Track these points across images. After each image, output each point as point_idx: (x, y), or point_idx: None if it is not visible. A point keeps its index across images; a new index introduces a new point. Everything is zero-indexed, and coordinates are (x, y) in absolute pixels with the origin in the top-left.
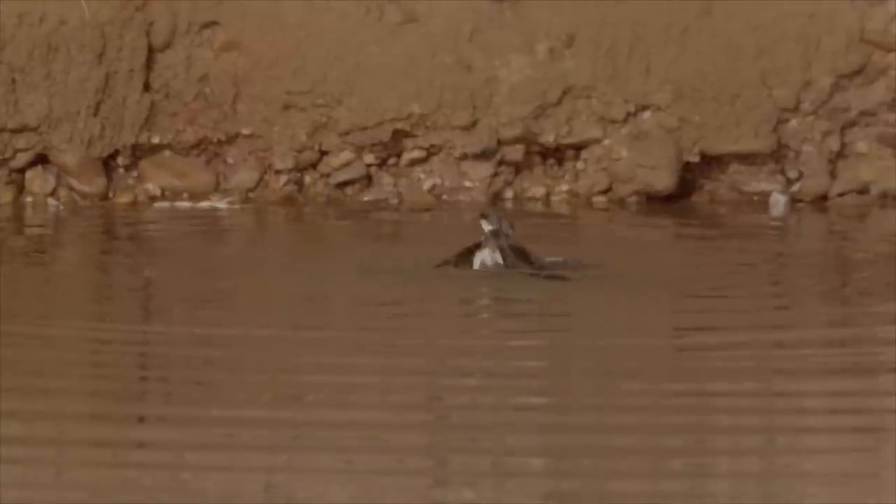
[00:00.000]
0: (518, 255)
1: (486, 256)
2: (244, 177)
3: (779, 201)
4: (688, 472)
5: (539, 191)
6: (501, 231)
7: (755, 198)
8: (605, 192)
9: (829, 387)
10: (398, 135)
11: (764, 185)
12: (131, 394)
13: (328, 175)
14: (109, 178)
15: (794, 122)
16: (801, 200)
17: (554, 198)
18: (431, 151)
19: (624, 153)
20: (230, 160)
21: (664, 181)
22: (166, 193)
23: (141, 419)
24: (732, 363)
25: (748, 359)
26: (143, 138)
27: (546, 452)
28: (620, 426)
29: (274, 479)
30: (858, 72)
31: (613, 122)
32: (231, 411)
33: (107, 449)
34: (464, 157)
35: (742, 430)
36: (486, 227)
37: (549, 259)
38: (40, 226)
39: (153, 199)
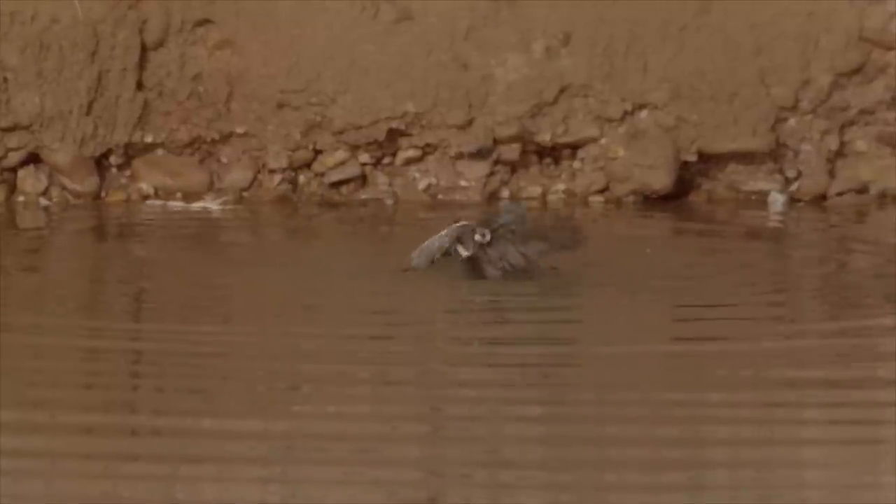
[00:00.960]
0: (508, 257)
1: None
2: (238, 176)
3: (777, 200)
4: (687, 485)
5: (535, 190)
6: (478, 251)
7: (753, 197)
8: (602, 191)
9: (828, 398)
10: (393, 134)
11: (762, 185)
12: (124, 405)
13: (322, 174)
14: (102, 177)
15: (792, 121)
16: (799, 200)
17: (550, 197)
18: (427, 151)
19: (621, 152)
20: (224, 159)
21: (662, 180)
22: (160, 193)
23: (133, 431)
24: (731, 373)
25: (747, 369)
26: (136, 137)
27: (543, 465)
28: (619, 438)
29: (269, 490)
30: (857, 70)
31: (610, 120)
32: (225, 422)
33: (99, 461)
34: (459, 156)
35: (741, 441)
36: (464, 253)
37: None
38: (34, 228)
39: (146, 198)
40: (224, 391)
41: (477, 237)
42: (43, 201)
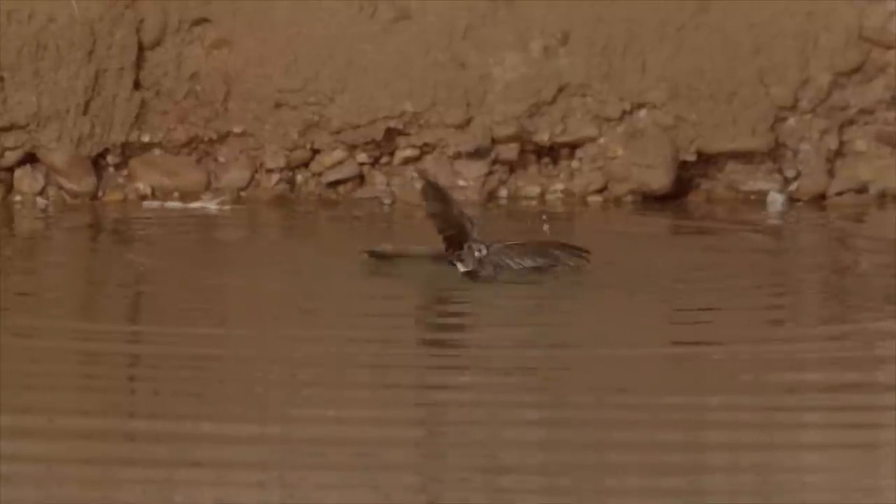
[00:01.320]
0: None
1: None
2: (235, 176)
3: (776, 200)
4: (687, 489)
5: (534, 190)
6: (476, 267)
7: (752, 197)
8: (600, 191)
9: (828, 402)
10: (391, 133)
11: (761, 184)
12: (122, 409)
13: (320, 174)
14: (99, 176)
15: (791, 121)
16: (798, 199)
17: (549, 196)
18: (425, 150)
19: (619, 152)
20: (221, 159)
21: (660, 180)
22: (157, 193)
23: (131, 436)
24: (731, 377)
25: (747, 373)
26: (133, 137)
27: (543, 469)
28: (619, 442)
29: (266, 494)
30: (857, 69)
31: (609, 120)
32: (223, 426)
33: (97, 466)
34: (457, 155)
35: (741, 446)
36: (462, 268)
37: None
38: (31, 228)
39: (143, 198)
40: (222, 395)
41: (476, 254)
42: (41, 201)
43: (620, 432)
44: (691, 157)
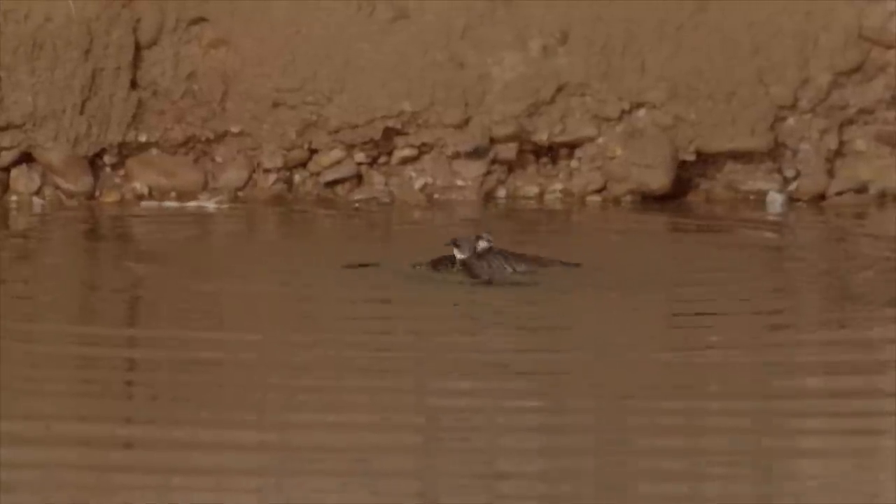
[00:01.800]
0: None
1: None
2: (233, 175)
3: (776, 200)
4: (687, 494)
5: (532, 189)
6: (472, 258)
7: (752, 196)
8: (599, 190)
9: (828, 408)
10: (389, 133)
11: (761, 184)
12: (119, 415)
13: (318, 174)
14: (96, 176)
15: (791, 120)
16: (798, 199)
17: (548, 196)
18: (423, 150)
19: (619, 152)
20: (218, 159)
21: (659, 180)
22: (154, 193)
23: (129, 442)
24: (731, 382)
25: (746, 378)
26: (130, 136)
27: (542, 476)
28: (618, 448)
29: (265, 500)
30: (857, 69)
31: (608, 120)
32: (221, 433)
33: (95, 472)
34: (456, 155)
35: (740, 452)
36: (458, 255)
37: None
38: (27, 229)
39: (140, 198)
40: (220, 400)
41: (482, 243)
42: (37, 201)
43: (620, 438)
44: (690, 157)
